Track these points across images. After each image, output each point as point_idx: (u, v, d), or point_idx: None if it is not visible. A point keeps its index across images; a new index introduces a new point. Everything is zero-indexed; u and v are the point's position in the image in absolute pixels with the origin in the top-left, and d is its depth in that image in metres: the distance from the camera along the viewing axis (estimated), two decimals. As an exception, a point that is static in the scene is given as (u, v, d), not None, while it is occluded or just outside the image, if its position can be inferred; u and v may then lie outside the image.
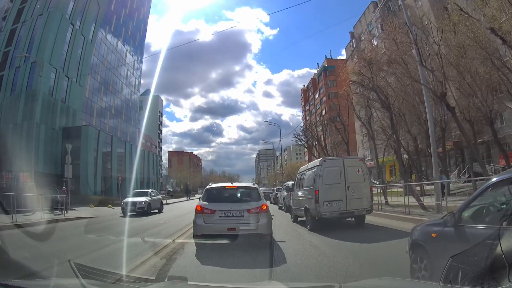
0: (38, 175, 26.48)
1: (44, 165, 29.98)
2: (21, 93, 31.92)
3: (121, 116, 51.15)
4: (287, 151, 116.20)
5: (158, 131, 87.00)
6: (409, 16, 12.50)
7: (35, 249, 6.83)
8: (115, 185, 36.45)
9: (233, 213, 6.74)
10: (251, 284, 4.17)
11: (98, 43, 42.75)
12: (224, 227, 6.62)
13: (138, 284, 2.67)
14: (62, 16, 35.10)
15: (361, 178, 9.92)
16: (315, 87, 72.82)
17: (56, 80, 34.36)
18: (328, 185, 9.67)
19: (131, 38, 54.45)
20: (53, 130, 33.33)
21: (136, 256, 5.83)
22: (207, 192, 7.44)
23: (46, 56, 31.84)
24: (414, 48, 10.99)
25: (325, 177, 9.72)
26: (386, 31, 18.47)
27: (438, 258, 3.31)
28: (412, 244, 4.01)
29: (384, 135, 19.05)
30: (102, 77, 44.83)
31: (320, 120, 27.98)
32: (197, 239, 6.75)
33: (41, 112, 31.45)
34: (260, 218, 6.68)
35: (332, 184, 9.69)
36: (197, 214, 6.89)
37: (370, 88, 14.11)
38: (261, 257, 5.80)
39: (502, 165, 19.97)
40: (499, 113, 19.68)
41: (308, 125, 30.09)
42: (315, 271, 5.06)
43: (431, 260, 3.52)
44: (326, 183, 9.68)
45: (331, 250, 6.49)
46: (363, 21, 43.13)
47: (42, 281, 3.04)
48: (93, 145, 36.67)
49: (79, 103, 38.45)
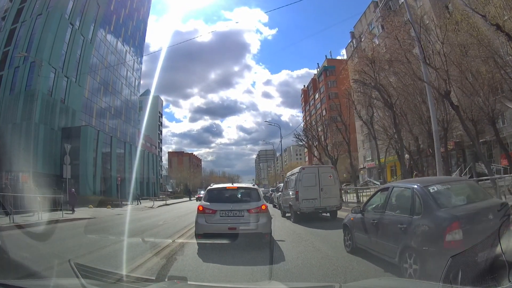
0: (37, 176, 26.37)
1: (43, 165, 29.83)
2: (20, 93, 31.75)
3: (120, 116, 50.99)
4: (287, 151, 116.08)
5: (158, 132, 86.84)
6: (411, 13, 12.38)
7: (35, 249, 6.84)
8: (114, 185, 36.26)
9: (234, 213, 6.93)
10: (251, 284, 4.21)
11: (97, 43, 42.61)
12: (225, 227, 6.79)
13: (138, 284, 2.67)
14: (62, 16, 34.97)
15: (332, 182, 12.56)
16: (315, 87, 72.76)
17: (56, 80, 34.20)
18: (306, 187, 12.26)
19: (130, 38, 54.34)
20: (52, 130, 33.17)
21: (136, 256, 5.83)
22: (209, 193, 7.60)
23: (45, 56, 31.69)
24: (417, 46, 10.87)
25: (304, 181, 12.41)
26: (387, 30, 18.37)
27: (353, 231, 6.03)
28: (343, 225, 6.65)
29: (385, 135, 18.90)
30: (102, 77, 44.67)
31: (320, 120, 27.76)
32: (199, 238, 6.93)
33: (40, 112, 31.32)
34: (260, 218, 6.88)
35: (309, 186, 12.25)
36: (199, 214, 7.08)
37: (373, 87, 13.97)
38: (261, 256, 6.00)
39: (504, 165, 19.84)
40: (501, 112, 19.55)
41: (309, 125, 29.87)
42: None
43: (351, 233, 6.13)
44: (304, 185, 12.30)
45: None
46: (364, 21, 43.05)
47: (42, 281, 3.03)
48: (93, 146, 36.52)
49: (78, 103, 38.29)
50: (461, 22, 13.38)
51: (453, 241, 3.82)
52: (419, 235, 4.21)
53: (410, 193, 4.71)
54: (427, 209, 4.26)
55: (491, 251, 2.23)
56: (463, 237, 3.80)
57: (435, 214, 4.16)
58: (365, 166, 46.97)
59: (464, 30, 13.38)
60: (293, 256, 6.13)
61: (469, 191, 4.95)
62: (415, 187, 4.69)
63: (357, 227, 5.87)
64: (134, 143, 52.23)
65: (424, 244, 4.07)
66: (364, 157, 47.86)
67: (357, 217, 5.99)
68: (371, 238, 5.30)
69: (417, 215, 4.36)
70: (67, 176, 18.88)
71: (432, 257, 3.84)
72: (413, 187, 4.72)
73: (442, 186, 4.79)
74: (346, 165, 33.88)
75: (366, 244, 5.52)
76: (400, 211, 4.87)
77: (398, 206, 5.01)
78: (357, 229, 5.87)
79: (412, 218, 4.40)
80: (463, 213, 4.12)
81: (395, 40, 14.26)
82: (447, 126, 17.72)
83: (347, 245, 6.28)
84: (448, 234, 3.84)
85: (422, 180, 5.88)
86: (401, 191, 5.19)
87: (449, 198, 4.62)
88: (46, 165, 30.68)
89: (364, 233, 5.57)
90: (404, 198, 4.89)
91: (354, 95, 18.05)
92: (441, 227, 3.96)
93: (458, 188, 5.03)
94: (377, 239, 5.12)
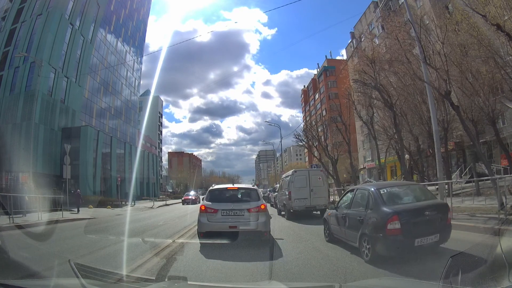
0: (37, 176, 26.37)
1: (43, 165, 29.81)
2: (20, 93, 31.75)
3: (120, 116, 50.97)
4: (287, 152, 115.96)
5: (158, 132, 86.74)
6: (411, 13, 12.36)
7: (35, 249, 6.86)
8: (114, 185, 36.25)
9: (234, 212, 7.22)
10: (251, 284, 4.24)
11: (97, 43, 42.63)
12: (226, 225, 7.07)
13: (138, 284, 2.67)
14: (62, 16, 34.98)
15: (321, 183, 14.11)
16: (315, 88, 72.73)
17: (55, 80, 34.21)
18: (298, 188, 13.71)
19: (130, 39, 54.34)
20: (52, 130, 33.17)
21: (136, 257, 5.84)
22: (211, 193, 7.90)
23: (45, 56, 31.68)
24: (418, 46, 10.84)
25: (296, 182, 13.90)
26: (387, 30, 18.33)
27: (330, 224, 7.29)
28: (323, 219, 8.08)
29: (385, 135, 18.87)
30: (102, 78, 44.67)
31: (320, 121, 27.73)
32: (201, 237, 7.24)
33: (40, 112, 31.34)
34: (259, 217, 7.18)
35: (301, 187, 13.71)
36: (201, 213, 7.39)
37: (373, 87, 13.94)
38: (261, 254, 6.18)
39: (504, 165, 19.80)
40: (501, 112, 19.51)
41: (309, 125, 29.85)
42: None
43: (329, 225, 7.40)
44: (296, 186, 13.75)
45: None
46: (364, 21, 43.04)
47: (42, 281, 3.03)
48: (93, 146, 36.51)
49: (78, 103, 38.29)
50: (461, 22, 13.33)
51: (393, 229, 5.07)
52: (370, 224, 5.50)
53: (367, 194, 6.02)
54: (376, 205, 5.59)
55: (491, 251, 2.27)
56: (401, 226, 5.05)
57: (381, 209, 5.45)
58: (365, 166, 46.94)
59: (464, 30, 13.34)
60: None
61: (416, 193, 6.14)
62: (371, 189, 5.99)
63: (333, 221, 7.24)
64: (134, 143, 52.20)
65: (374, 231, 5.35)
66: (364, 158, 47.84)
67: (332, 212, 7.37)
68: (341, 229, 6.66)
69: (370, 210, 5.69)
70: (67, 176, 18.86)
71: (379, 240, 5.18)
72: (370, 189, 6.05)
73: (391, 189, 6.13)
74: (346, 165, 33.84)
75: (339, 234, 6.87)
76: (360, 207, 6.14)
77: (359, 203, 6.24)
78: (333, 222, 7.24)
79: (366, 212, 5.75)
80: (402, 209, 5.37)
81: (395, 40, 14.22)
82: (447, 126, 17.69)
83: (326, 235, 7.69)
84: (389, 224, 5.09)
85: (378, 184, 7.58)
86: (361, 192, 6.42)
87: (395, 198, 5.84)
88: (46, 165, 30.66)
89: (337, 225, 6.90)
90: (363, 197, 6.14)
91: (354, 95, 17.97)
92: (384, 219, 5.21)
93: (407, 191, 6.24)
94: (345, 229, 6.46)
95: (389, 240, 5.05)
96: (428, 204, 5.58)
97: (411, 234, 5.00)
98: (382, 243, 5.12)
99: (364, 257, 5.40)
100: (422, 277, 3.63)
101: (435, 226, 5.24)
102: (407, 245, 4.99)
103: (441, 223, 5.38)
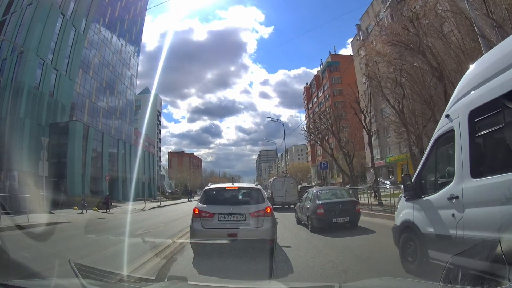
0: (22, 174, 24.35)
1: (28, 163, 27.59)
2: (7, 86, 29.62)
3: (115, 113, 48.75)
4: (288, 151, 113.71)
5: (156, 131, 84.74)
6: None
7: (35, 249, 6.84)
8: (106, 185, 33.93)
9: (234, 216, 6.23)
10: (251, 284, 4.05)
11: (91, 35, 40.37)
12: (224, 232, 6.06)
13: (138, 284, 2.69)
14: (52, 5, 32.89)
15: (293, 186, 21.85)
16: (318, 85, 70.46)
17: (44, 72, 32.06)
18: (277, 189, 21.16)
19: (127, 33, 52.27)
20: (39, 126, 30.97)
21: (137, 257, 5.72)
22: (206, 194, 6.83)
23: (32, 46, 29.68)
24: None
25: (275, 185, 21.47)
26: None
27: (297, 212, 12.65)
28: (294, 210, 13.74)
29: (414, 126, 15.11)
30: (96, 72, 42.47)
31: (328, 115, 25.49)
32: (194, 245, 6.25)
33: (26, 106, 29.27)
34: (264, 223, 6.20)
35: (279, 189, 21.11)
36: (194, 218, 6.36)
37: (417, 51, 11.20)
38: (261, 254, 5.90)
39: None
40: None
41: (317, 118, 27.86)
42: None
43: (296, 213, 12.79)
44: (276, 188, 21.23)
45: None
46: (371, 12, 40.86)
47: (42, 281, 3.04)
48: (82, 143, 34.28)
49: (68, 98, 36.11)
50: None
51: (320, 213, 9.46)
52: (310, 210, 9.98)
53: (311, 193, 10.91)
54: (313, 200, 10.24)
55: (491, 251, 2.24)
56: (324, 211, 9.43)
57: (315, 202, 9.98)
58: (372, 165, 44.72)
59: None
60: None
61: (339, 193, 11.29)
62: (314, 191, 11.15)
63: (299, 210, 11.95)
64: (129, 141, 50.05)
65: (312, 214, 9.80)
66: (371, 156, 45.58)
67: (298, 205, 12.27)
68: (301, 215, 11.28)
69: (312, 202, 10.22)
70: (44, 174, 16.64)
71: (314, 219, 9.63)
72: (313, 190, 11.33)
73: (323, 190, 11.55)
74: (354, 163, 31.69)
75: (301, 218, 11.32)
76: (309, 201, 10.60)
77: (309, 198, 10.75)
78: (299, 211, 11.92)
79: (310, 203, 10.27)
80: (326, 202, 9.82)
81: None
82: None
83: (296, 219, 12.42)
84: (318, 210, 9.54)
85: (319, 188, 13.03)
86: (311, 192, 11.09)
87: (324, 195, 10.50)
88: (31, 163, 28.42)
89: (300, 213, 11.49)
90: (310, 195, 10.86)
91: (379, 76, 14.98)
92: (316, 207, 9.68)
93: (334, 192, 11.41)
94: (302, 215, 11.07)
95: (318, 219, 9.47)
96: (342, 200, 10.12)
97: (330, 216, 9.37)
98: (315, 220, 9.56)
99: (308, 229, 9.89)
100: (422, 277, 3.72)
101: (346, 213, 9.55)
102: (328, 222, 9.35)
103: (351, 211, 9.68)
